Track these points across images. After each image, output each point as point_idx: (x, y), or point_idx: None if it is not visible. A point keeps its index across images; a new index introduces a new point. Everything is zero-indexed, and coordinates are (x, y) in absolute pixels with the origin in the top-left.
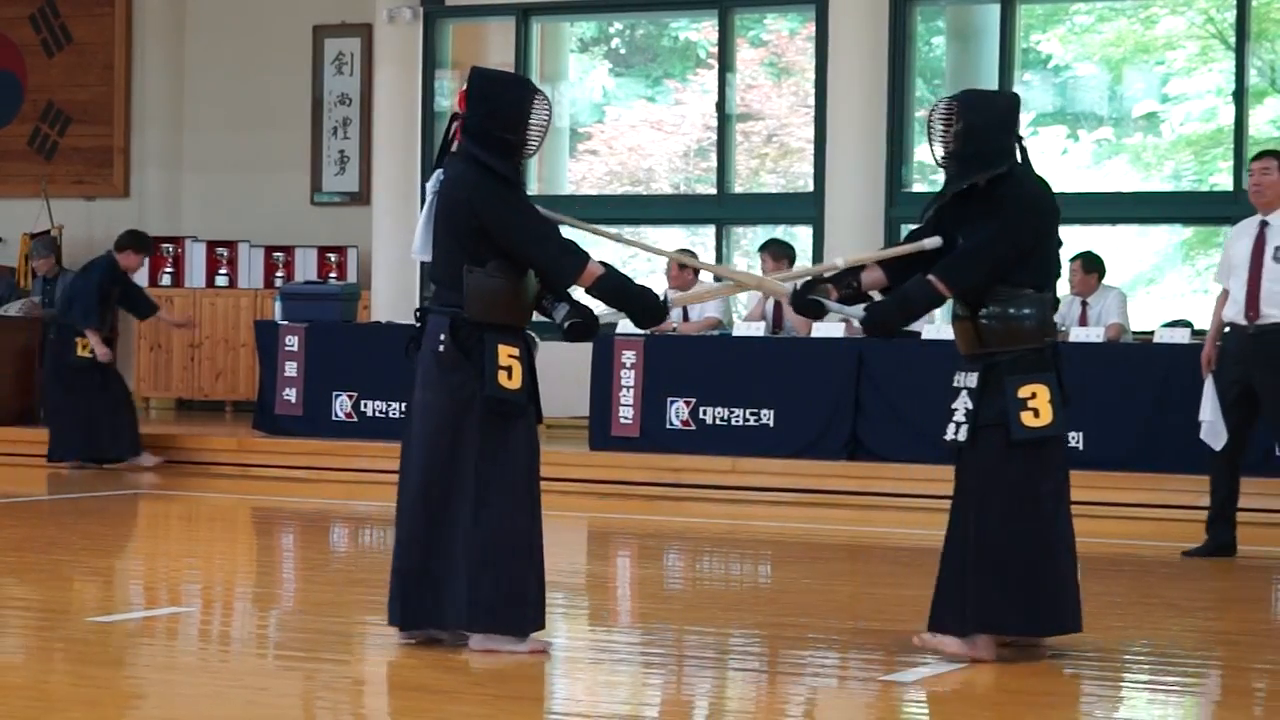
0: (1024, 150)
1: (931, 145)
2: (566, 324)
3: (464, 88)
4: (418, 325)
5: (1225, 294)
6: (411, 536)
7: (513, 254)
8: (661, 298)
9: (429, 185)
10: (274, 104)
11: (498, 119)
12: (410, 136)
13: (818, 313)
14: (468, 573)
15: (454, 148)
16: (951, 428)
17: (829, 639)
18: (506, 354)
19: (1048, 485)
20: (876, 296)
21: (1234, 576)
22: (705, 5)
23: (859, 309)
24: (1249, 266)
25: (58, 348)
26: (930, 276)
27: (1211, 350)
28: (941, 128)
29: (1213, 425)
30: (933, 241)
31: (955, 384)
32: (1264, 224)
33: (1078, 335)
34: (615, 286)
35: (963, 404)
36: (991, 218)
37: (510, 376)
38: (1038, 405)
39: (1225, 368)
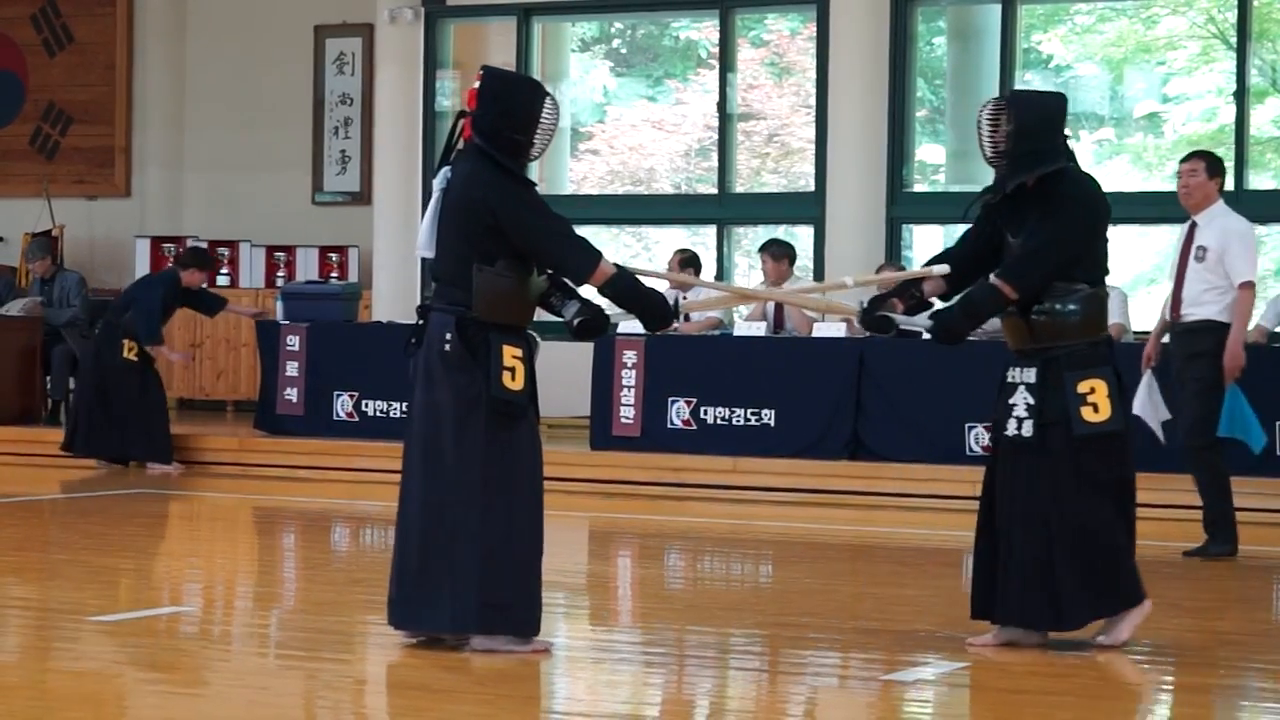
0: (1070, 151)
1: (981, 145)
2: (576, 321)
3: (475, 86)
4: (419, 323)
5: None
6: (413, 538)
7: (529, 251)
8: (672, 302)
9: (435, 182)
10: (275, 104)
11: (510, 119)
12: (412, 136)
13: (887, 328)
14: (478, 575)
15: (461, 145)
16: (1013, 423)
17: (830, 639)
18: (511, 354)
19: (1111, 475)
20: (937, 303)
21: (1234, 576)
22: (706, 5)
23: (924, 318)
24: (1177, 267)
25: (101, 346)
26: (995, 280)
27: (1152, 348)
28: (991, 128)
29: (1145, 408)
30: (941, 269)
31: (1009, 379)
32: (1193, 225)
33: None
34: (627, 288)
35: (1022, 399)
36: (1048, 217)
37: (514, 377)
38: (1097, 400)
39: (1170, 365)
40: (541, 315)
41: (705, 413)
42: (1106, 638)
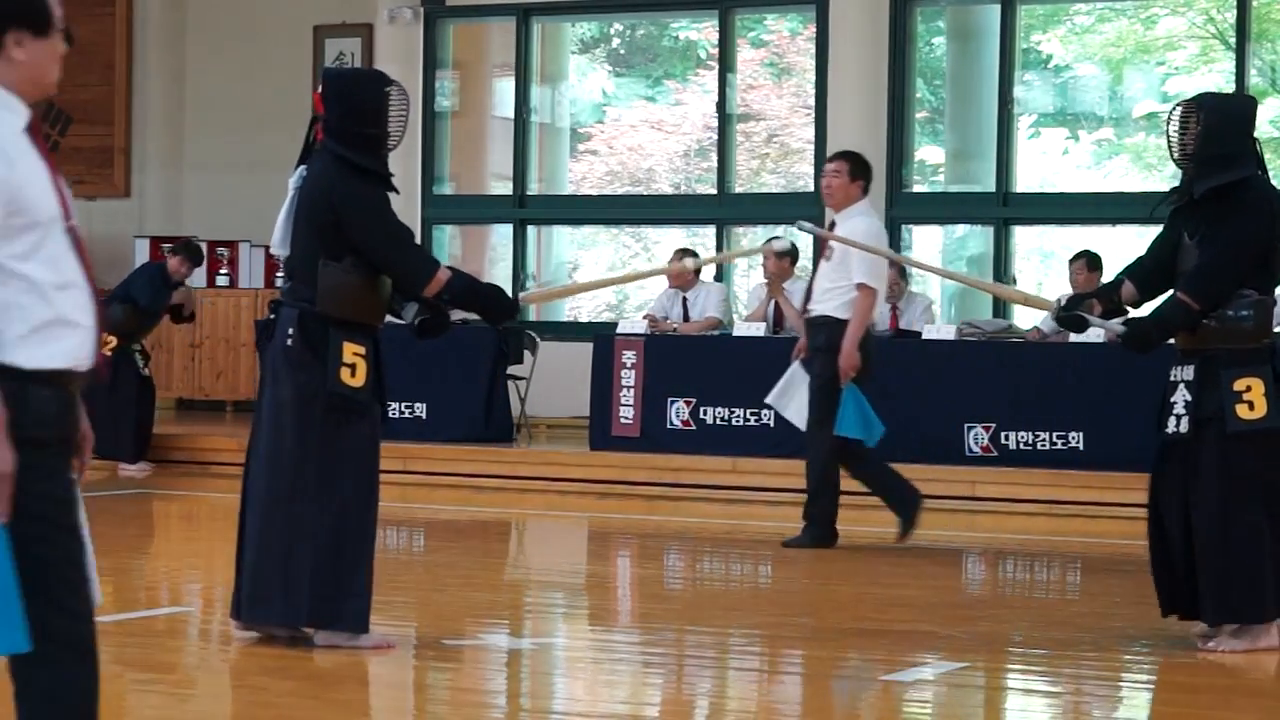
0: (1261, 155)
1: (1170, 147)
2: (417, 322)
3: (319, 90)
4: (270, 319)
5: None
6: (253, 534)
7: (366, 253)
8: (513, 295)
9: (291, 181)
10: (275, 104)
11: (356, 116)
12: (411, 136)
13: (1080, 326)
14: (310, 570)
15: (316, 147)
16: (1172, 421)
17: (829, 639)
18: (351, 351)
19: (1266, 476)
20: (1132, 311)
21: None
22: (706, 6)
23: (1118, 324)
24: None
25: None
26: (1180, 295)
27: (802, 344)
28: (1179, 130)
29: (781, 401)
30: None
31: (1172, 378)
32: (832, 225)
33: (1078, 335)
34: (464, 288)
35: (1181, 397)
36: (1228, 226)
37: (354, 374)
38: (1253, 398)
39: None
40: (547, 315)
41: (704, 413)
42: (1216, 643)
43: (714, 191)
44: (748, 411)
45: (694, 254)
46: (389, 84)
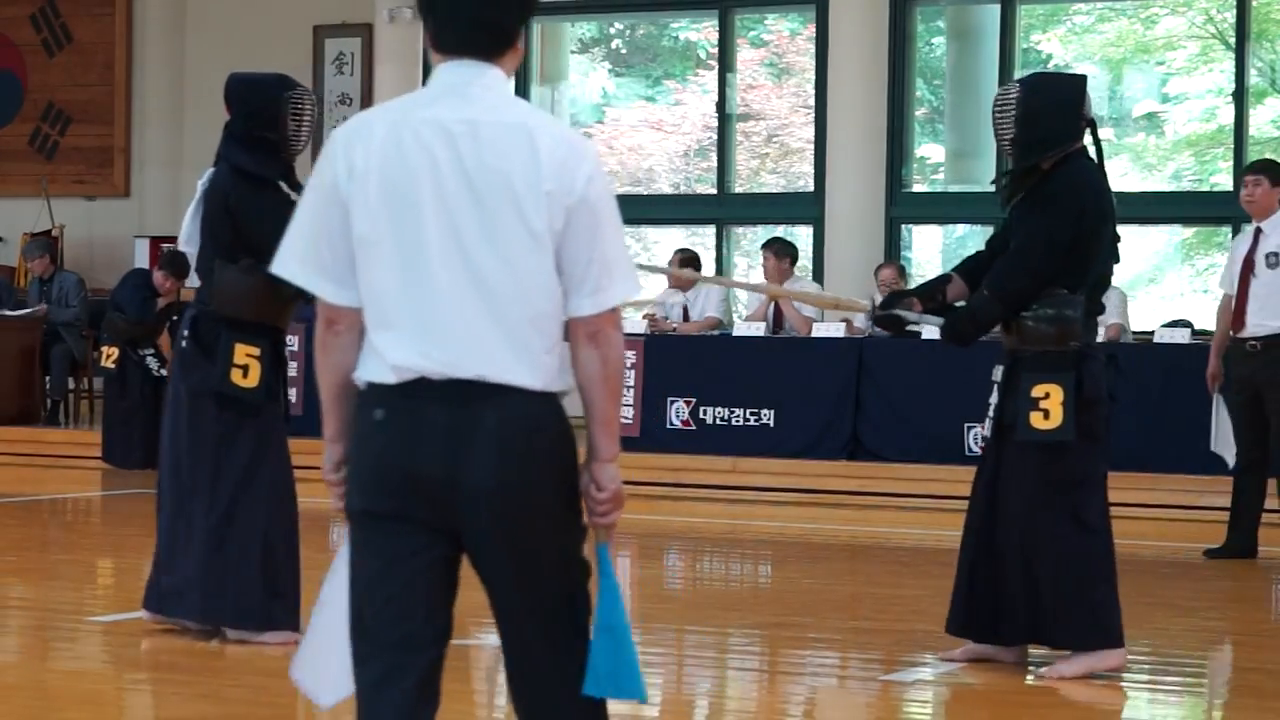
0: (1095, 136)
1: (996, 132)
2: None
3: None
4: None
5: (1228, 303)
6: (161, 525)
7: (263, 255)
8: None
9: (200, 182)
10: None
11: (256, 119)
12: None
13: (897, 326)
14: (205, 565)
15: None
16: (985, 424)
17: (829, 639)
18: (244, 352)
19: (1064, 485)
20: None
21: (1235, 577)
22: (706, 6)
23: (939, 320)
24: (1239, 275)
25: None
26: (985, 290)
27: (1216, 366)
28: (1002, 113)
29: (1224, 441)
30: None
31: (992, 378)
32: (1258, 231)
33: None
34: None
35: (993, 399)
36: (1036, 216)
37: (246, 375)
38: (1049, 406)
39: (1228, 379)
40: None
41: (704, 413)
42: (1050, 670)
43: (714, 191)
44: (748, 411)
45: (695, 256)
46: (290, 88)
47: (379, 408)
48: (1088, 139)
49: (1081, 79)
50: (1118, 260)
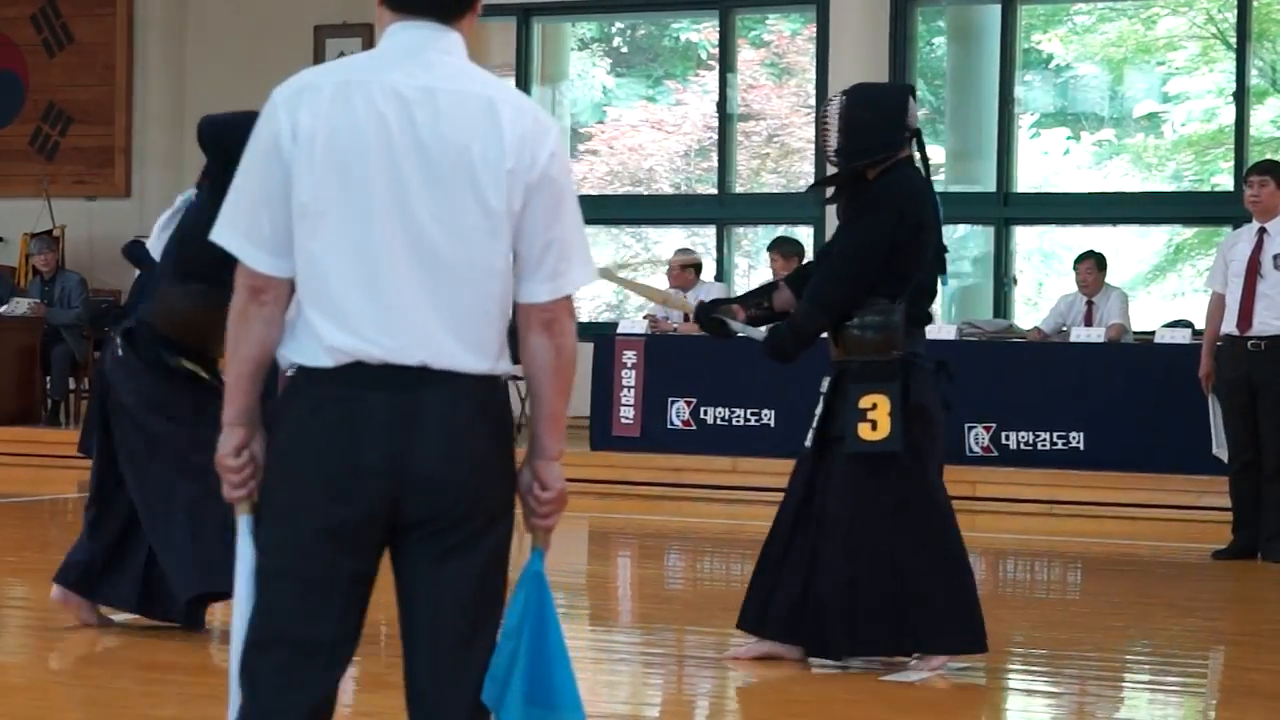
0: (923, 149)
1: (823, 141)
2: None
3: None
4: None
5: (1219, 302)
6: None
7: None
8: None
9: (179, 198)
10: None
11: (235, 161)
12: None
13: (720, 330)
14: (145, 559)
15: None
16: (809, 434)
17: None
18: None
19: (894, 497)
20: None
21: (1236, 577)
22: (706, 6)
23: (763, 331)
24: (1245, 275)
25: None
26: (805, 301)
27: (1209, 365)
28: (824, 123)
29: (1220, 443)
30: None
31: (820, 388)
32: (1262, 231)
33: (1079, 335)
34: None
35: (818, 410)
36: (850, 226)
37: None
38: (876, 417)
39: (1222, 378)
40: None
41: (705, 413)
42: (899, 674)
43: (714, 191)
44: (748, 411)
45: (697, 256)
46: None
47: (313, 394)
48: (915, 151)
49: (905, 89)
50: (943, 270)
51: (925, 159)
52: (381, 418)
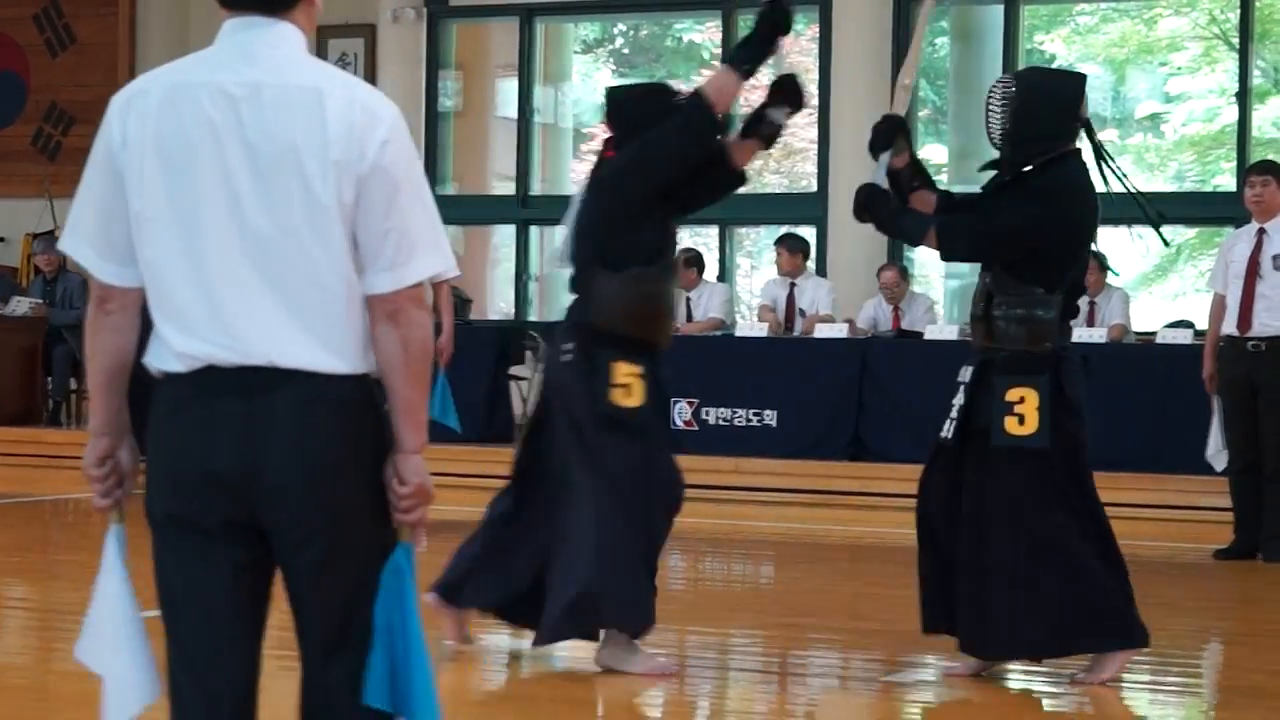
0: (1093, 136)
1: (988, 127)
2: None
3: None
4: None
5: (1221, 303)
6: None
7: None
8: None
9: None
10: None
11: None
12: (414, 137)
13: (888, 142)
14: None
15: None
16: (947, 425)
17: (831, 639)
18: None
19: (1038, 498)
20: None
21: (1236, 577)
22: (709, 6)
23: (882, 175)
24: (1244, 276)
25: None
26: (932, 226)
27: (1213, 366)
28: (997, 106)
29: (1216, 448)
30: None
31: (958, 378)
32: (1261, 231)
33: (1081, 335)
34: None
35: (958, 400)
36: (1017, 205)
37: None
38: (1024, 411)
39: (1223, 379)
40: (548, 316)
41: (707, 413)
42: (1086, 674)
43: None
44: (750, 412)
45: (697, 254)
46: None
47: (170, 398)
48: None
49: (1081, 78)
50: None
51: (1097, 149)
52: (234, 425)
